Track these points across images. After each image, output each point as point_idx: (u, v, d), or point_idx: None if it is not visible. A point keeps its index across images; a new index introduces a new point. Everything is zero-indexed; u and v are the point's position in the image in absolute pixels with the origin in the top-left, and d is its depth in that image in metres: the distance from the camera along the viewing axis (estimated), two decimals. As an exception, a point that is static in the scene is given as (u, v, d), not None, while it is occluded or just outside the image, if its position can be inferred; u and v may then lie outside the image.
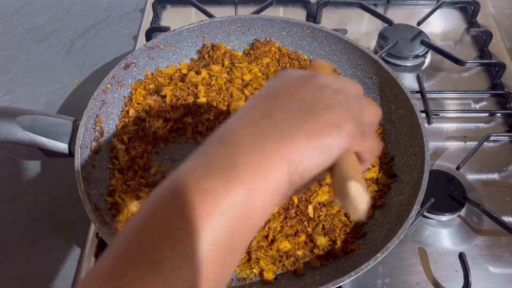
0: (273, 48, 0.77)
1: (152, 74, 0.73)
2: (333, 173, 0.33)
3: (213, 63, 0.74)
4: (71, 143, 0.61)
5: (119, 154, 0.65)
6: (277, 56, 0.76)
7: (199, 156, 0.30)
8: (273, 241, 0.59)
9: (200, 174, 0.28)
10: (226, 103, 0.71)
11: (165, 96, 0.70)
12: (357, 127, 0.33)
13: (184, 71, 0.74)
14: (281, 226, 0.60)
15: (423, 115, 0.73)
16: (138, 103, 0.70)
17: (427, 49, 0.84)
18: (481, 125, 0.77)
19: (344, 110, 0.33)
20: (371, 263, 0.51)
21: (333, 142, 0.31)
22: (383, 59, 0.74)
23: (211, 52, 0.75)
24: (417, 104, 0.64)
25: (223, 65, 0.74)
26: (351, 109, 0.33)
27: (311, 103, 0.33)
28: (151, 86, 0.71)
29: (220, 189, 0.28)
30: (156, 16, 0.91)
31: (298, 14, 0.93)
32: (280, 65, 0.75)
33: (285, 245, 0.58)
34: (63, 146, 0.61)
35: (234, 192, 0.28)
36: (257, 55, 0.75)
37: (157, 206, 0.28)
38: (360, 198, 0.31)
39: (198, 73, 0.72)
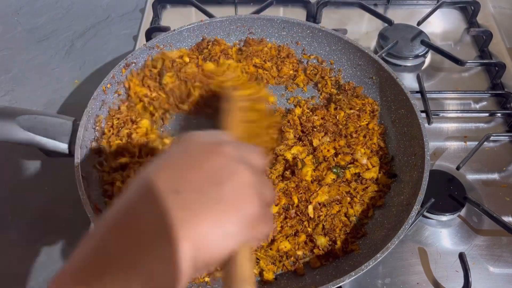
0: (265, 48, 0.76)
1: (152, 59, 0.72)
2: (228, 264, 0.32)
3: (209, 60, 0.73)
4: (71, 143, 0.61)
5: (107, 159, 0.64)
6: (267, 58, 0.76)
7: (96, 248, 0.30)
8: (273, 241, 0.59)
9: (99, 273, 0.28)
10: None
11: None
12: (261, 206, 0.32)
13: (186, 59, 0.73)
14: (281, 226, 0.60)
15: (423, 115, 0.73)
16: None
17: (427, 49, 0.84)
18: (481, 125, 0.77)
19: (252, 191, 0.32)
20: (371, 263, 0.51)
21: (239, 228, 0.31)
22: (383, 59, 0.74)
23: (210, 46, 0.75)
24: (417, 104, 0.64)
25: (218, 64, 0.74)
26: (257, 187, 0.33)
27: (220, 180, 0.32)
28: (154, 70, 0.71)
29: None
30: (156, 16, 0.91)
31: (298, 14, 0.93)
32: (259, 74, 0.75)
33: (285, 245, 0.58)
34: (63, 146, 0.61)
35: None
36: (248, 53, 0.75)
37: None
38: None
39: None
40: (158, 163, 0.33)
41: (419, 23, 0.87)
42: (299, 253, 0.59)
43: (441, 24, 0.93)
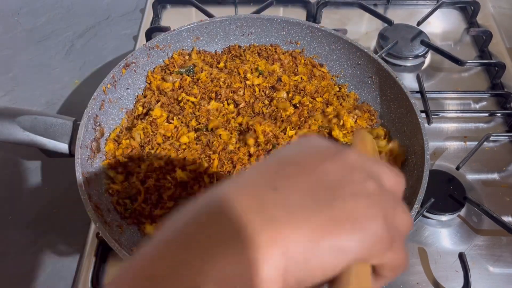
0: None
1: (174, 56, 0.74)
2: (334, 284, 0.25)
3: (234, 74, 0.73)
4: (71, 143, 0.61)
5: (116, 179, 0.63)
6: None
7: (178, 239, 0.24)
8: None
9: (173, 266, 0.23)
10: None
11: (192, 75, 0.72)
12: (387, 229, 0.25)
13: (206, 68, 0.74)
14: None
15: (423, 115, 0.73)
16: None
17: (427, 49, 0.84)
18: (481, 125, 0.77)
19: (375, 204, 0.25)
20: (371, 263, 0.51)
21: (351, 243, 0.24)
22: (383, 59, 0.74)
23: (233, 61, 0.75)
24: (417, 104, 0.64)
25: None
26: (385, 205, 0.26)
27: (333, 185, 0.25)
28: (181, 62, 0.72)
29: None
30: (156, 16, 0.91)
31: (298, 14, 0.93)
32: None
33: None
34: (63, 146, 0.61)
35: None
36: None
37: None
38: None
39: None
40: (261, 162, 0.28)
41: (419, 23, 0.87)
42: None
43: (441, 24, 0.93)
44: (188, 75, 0.72)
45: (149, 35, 0.83)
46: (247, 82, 0.71)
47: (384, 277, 0.27)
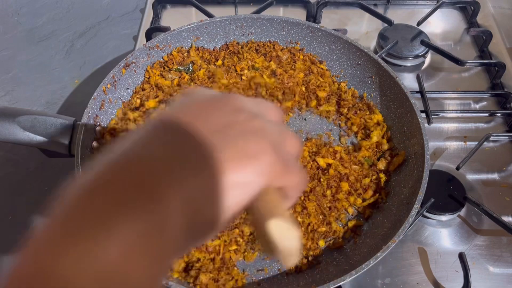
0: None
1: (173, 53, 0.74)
2: (250, 213, 0.28)
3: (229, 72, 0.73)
4: (71, 143, 0.61)
5: None
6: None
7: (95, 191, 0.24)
8: None
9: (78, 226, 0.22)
10: None
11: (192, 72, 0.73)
12: (278, 157, 0.28)
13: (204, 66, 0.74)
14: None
15: (423, 115, 0.73)
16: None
17: (427, 49, 0.84)
18: (481, 125, 0.77)
19: (263, 137, 0.28)
20: (371, 262, 0.51)
21: (249, 176, 0.27)
22: (383, 59, 0.74)
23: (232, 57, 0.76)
24: (417, 104, 0.65)
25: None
26: (271, 137, 0.29)
27: (222, 128, 0.28)
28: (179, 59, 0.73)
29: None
30: (156, 16, 0.91)
31: (298, 14, 0.93)
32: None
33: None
34: (63, 147, 0.61)
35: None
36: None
37: None
38: (286, 237, 0.26)
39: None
40: (151, 120, 0.29)
41: (419, 23, 0.87)
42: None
43: (441, 24, 0.93)
44: (187, 73, 0.73)
45: (149, 35, 0.83)
46: (243, 78, 0.72)
47: (290, 196, 0.31)
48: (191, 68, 0.73)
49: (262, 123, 0.29)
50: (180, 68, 0.73)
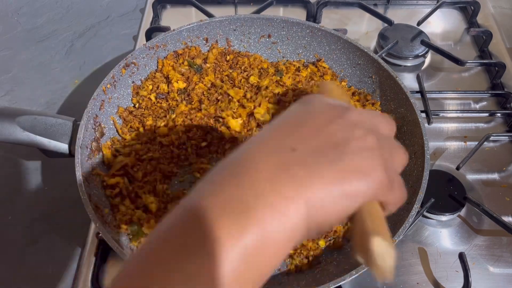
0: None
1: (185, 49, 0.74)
2: (353, 223, 0.30)
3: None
4: (71, 143, 0.61)
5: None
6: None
7: (214, 190, 0.28)
8: None
9: (218, 213, 0.27)
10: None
11: (200, 69, 0.73)
12: (387, 175, 0.30)
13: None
14: None
15: (423, 115, 0.73)
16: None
17: (427, 49, 0.84)
18: (481, 125, 0.77)
19: (376, 155, 0.30)
20: (371, 262, 0.51)
21: (359, 189, 0.29)
22: (383, 59, 0.74)
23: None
24: (417, 104, 0.64)
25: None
26: (383, 154, 0.31)
27: (340, 142, 0.30)
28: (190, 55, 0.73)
29: (235, 230, 0.26)
30: (156, 16, 0.91)
31: (298, 14, 0.93)
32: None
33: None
34: (63, 147, 0.61)
35: (249, 232, 0.26)
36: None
37: (175, 231, 0.28)
38: (385, 255, 0.28)
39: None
40: (273, 124, 0.32)
41: (419, 23, 0.87)
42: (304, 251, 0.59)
43: (441, 24, 0.93)
44: (196, 71, 0.73)
45: (149, 35, 0.83)
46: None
47: (388, 210, 0.33)
48: (201, 69, 0.73)
49: (375, 141, 0.31)
50: (191, 61, 0.73)
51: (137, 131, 0.67)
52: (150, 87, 0.70)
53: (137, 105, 0.70)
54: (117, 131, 0.67)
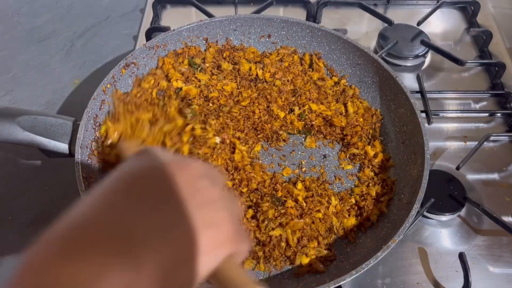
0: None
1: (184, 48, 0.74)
2: (218, 281, 0.31)
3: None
4: (71, 143, 0.61)
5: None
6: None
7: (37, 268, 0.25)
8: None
9: None
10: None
11: (198, 67, 0.73)
12: (234, 225, 0.31)
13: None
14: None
15: (423, 115, 0.74)
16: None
17: (427, 49, 0.84)
18: (481, 125, 0.77)
19: (222, 207, 0.31)
20: (371, 261, 0.51)
21: (217, 244, 0.29)
22: (383, 59, 0.74)
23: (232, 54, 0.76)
24: (417, 104, 0.65)
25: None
26: (226, 205, 0.31)
27: (184, 196, 0.29)
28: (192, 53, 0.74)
29: None
30: (156, 16, 0.91)
31: (298, 14, 0.93)
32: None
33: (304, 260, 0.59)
34: (63, 147, 0.61)
35: None
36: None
37: None
38: None
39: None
40: (128, 173, 0.30)
41: (419, 23, 0.87)
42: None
43: (441, 24, 0.93)
44: (196, 70, 0.73)
45: (149, 35, 0.83)
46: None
47: (240, 257, 0.33)
48: (201, 68, 0.73)
49: (219, 191, 0.31)
50: (191, 60, 0.73)
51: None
52: (152, 81, 0.70)
53: (137, 96, 0.68)
54: None
